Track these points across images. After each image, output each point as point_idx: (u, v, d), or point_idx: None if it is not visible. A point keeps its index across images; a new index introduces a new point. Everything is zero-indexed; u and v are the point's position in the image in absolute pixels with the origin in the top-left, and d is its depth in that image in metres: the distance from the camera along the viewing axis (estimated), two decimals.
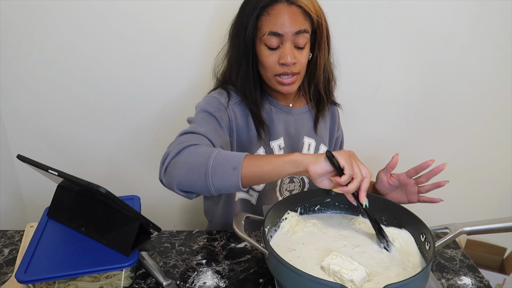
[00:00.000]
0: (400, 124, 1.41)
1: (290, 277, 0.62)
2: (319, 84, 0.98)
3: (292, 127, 1.00)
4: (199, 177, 0.70)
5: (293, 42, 0.86)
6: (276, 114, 0.98)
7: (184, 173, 0.72)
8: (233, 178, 0.69)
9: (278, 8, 0.83)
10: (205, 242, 0.88)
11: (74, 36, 1.19)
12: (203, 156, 0.71)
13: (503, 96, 1.36)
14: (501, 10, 1.23)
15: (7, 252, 0.84)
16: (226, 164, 0.70)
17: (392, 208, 0.81)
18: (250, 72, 0.91)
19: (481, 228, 0.73)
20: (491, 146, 1.44)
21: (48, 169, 0.69)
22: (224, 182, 0.70)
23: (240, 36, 0.88)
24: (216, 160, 0.70)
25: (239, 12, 0.89)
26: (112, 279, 0.72)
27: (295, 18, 0.84)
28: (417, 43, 1.28)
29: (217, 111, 0.89)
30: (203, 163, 0.70)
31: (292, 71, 0.88)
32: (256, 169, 0.70)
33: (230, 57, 0.94)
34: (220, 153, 0.71)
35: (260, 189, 0.99)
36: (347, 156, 0.68)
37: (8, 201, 1.36)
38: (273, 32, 0.84)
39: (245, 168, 0.69)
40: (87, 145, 1.36)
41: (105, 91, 1.27)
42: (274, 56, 0.87)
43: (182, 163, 0.72)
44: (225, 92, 0.94)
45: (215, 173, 0.69)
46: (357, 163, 0.69)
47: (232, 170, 0.69)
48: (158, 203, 1.45)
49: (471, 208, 1.55)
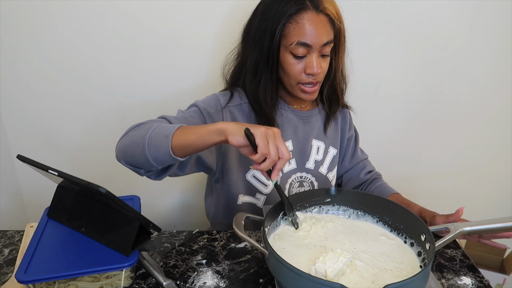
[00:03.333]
0: (401, 123, 1.41)
1: (290, 277, 0.62)
2: (336, 87, 0.97)
3: (301, 130, 1.00)
4: (138, 147, 0.75)
5: (320, 52, 0.85)
6: (286, 117, 0.97)
7: (128, 144, 0.78)
8: (164, 145, 0.72)
9: (307, 17, 0.82)
10: (205, 242, 0.88)
11: (74, 36, 1.19)
12: (145, 129, 0.76)
13: (503, 95, 1.36)
14: (501, 10, 1.23)
15: (7, 252, 0.84)
16: (160, 134, 0.74)
17: (392, 208, 0.81)
18: (273, 79, 0.89)
19: (481, 228, 0.74)
20: (491, 145, 1.44)
21: (48, 169, 0.69)
22: (157, 150, 0.73)
23: (263, 42, 0.86)
24: (154, 131, 0.75)
25: (262, 17, 0.86)
26: (112, 279, 0.72)
27: (324, 28, 0.83)
28: (417, 43, 1.28)
29: (207, 108, 0.89)
30: (143, 135, 0.75)
31: (317, 80, 0.88)
32: (184, 137, 0.72)
33: (247, 61, 0.91)
34: (160, 126, 0.76)
35: (268, 192, 0.98)
36: (263, 134, 0.67)
37: (8, 201, 1.36)
38: (302, 43, 0.83)
39: (175, 137, 0.72)
40: (87, 145, 1.35)
41: (105, 91, 1.27)
42: (300, 65, 0.86)
43: (129, 137, 0.79)
44: (229, 93, 0.94)
45: (151, 142, 0.74)
46: (275, 143, 0.68)
47: (163, 138, 0.73)
48: (158, 203, 1.45)
49: (471, 208, 1.55)
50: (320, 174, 1.03)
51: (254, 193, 0.99)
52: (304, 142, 1.00)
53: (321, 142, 1.03)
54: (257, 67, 0.89)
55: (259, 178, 0.97)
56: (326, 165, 1.05)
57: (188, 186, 1.47)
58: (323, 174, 1.04)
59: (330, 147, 1.05)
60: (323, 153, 1.04)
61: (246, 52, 0.91)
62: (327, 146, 1.04)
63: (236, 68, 0.96)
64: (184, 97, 1.28)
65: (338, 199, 0.86)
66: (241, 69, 0.94)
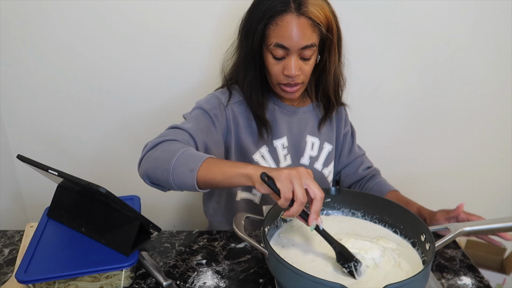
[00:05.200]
0: (400, 124, 1.41)
1: (290, 277, 0.62)
2: (329, 89, 0.97)
3: (295, 126, 1.00)
4: (163, 174, 0.74)
5: (299, 55, 0.85)
6: (279, 113, 0.98)
7: (152, 168, 0.76)
8: (189, 180, 0.71)
9: (287, 20, 0.81)
10: (205, 242, 0.88)
11: (74, 37, 1.19)
12: (170, 153, 0.74)
13: (503, 96, 1.36)
14: (501, 10, 1.23)
15: (7, 252, 0.84)
16: (185, 165, 0.72)
17: (392, 208, 0.81)
18: (258, 77, 0.90)
19: (481, 228, 0.74)
20: (491, 145, 1.44)
21: (48, 169, 0.69)
22: (182, 182, 0.72)
23: (248, 40, 0.87)
24: (179, 159, 0.73)
25: (249, 15, 0.88)
26: (112, 279, 0.72)
27: (303, 32, 0.81)
28: (417, 43, 1.28)
29: (213, 109, 0.90)
30: (168, 161, 0.73)
31: (296, 82, 0.88)
32: (210, 176, 0.70)
33: (239, 56, 0.93)
34: (185, 153, 0.73)
35: None
36: (285, 176, 0.62)
37: (8, 201, 1.36)
38: (279, 45, 0.83)
39: (201, 173, 0.71)
40: (87, 145, 1.36)
41: (105, 91, 1.27)
42: (279, 66, 0.86)
43: (152, 158, 0.77)
44: (228, 91, 0.95)
45: (175, 172, 0.72)
46: (302, 183, 0.63)
47: (189, 172, 0.71)
48: (158, 203, 1.45)
49: (471, 208, 1.55)
50: (315, 170, 1.04)
51: (250, 189, 1.00)
52: (299, 138, 1.01)
53: (316, 138, 1.03)
54: (245, 65, 0.90)
55: None
56: (321, 161, 1.05)
57: None
58: (318, 170, 1.04)
59: (325, 143, 1.05)
60: (318, 149, 1.04)
61: (239, 49, 0.93)
62: (322, 142, 1.04)
63: (233, 65, 0.97)
64: (184, 97, 1.29)
65: (338, 199, 0.86)
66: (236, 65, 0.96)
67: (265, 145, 0.96)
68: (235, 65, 0.95)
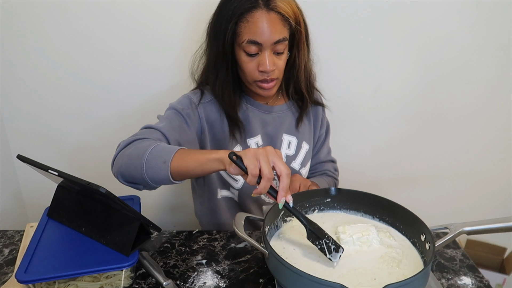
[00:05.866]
0: (400, 125, 1.41)
1: (290, 277, 0.62)
2: (301, 84, 0.97)
3: (270, 125, 1.00)
4: (136, 169, 0.74)
5: (272, 49, 0.86)
6: (252, 112, 0.98)
7: (125, 165, 0.77)
8: (163, 171, 0.72)
9: (257, 16, 0.82)
10: (205, 242, 0.88)
11: (74, 37, 1.19)
12: (142, 149, 0.75)
13: (503, 97, 1.36)
14: (501, 11, 1.23)
15: (7, 252, 0.84)
16: (158, 158, 0.73)
17: (392, 208, 0.81)
18: (230, 76, 0.91)
19: (481, 228, 0.73)
20: (491, 146, 1.44)
21: (48, 169, 0.69)
22: (156, 175, 0.73)
23: (218, 40, 0.87)
24: (151, 153, 0.73)
25: (217, 15, 0.88)
26: (112, 279, 0.72)
27: (274, 26, 0.83)
28: (416, 44, 1.28)
29: (185, 109, 0.91)
30: (141, 156, 0.74)
31: (272, 77, 0.88)
32: (183, 164, 0.71)
33: (208, 59, 0.93)
34: (157, 147, 0.74)
35: (239, 187, 0.99)
36: (252, 154, 0.64)
37: (8, 201, 1.36)
38: (252, 41, 0.83)
39: (174, 163, 0.72)
40: (87, 145, 1.36)
41: (105, 91, 1.27)
42: (253, 63, 0.87)
43: (125, 155, 0.78)
44: (199, 91, 0.96)
45: (149, 166, 0.73)
46: (268, 160, 0.64)
47: (162, 164, 0.72)
48: (158, 203, 1.45)
49: (471, 208, 1.55)
50: (292, 169, 1.03)
51: (228, 187, 1.01)
52: (274, 137, 1.01)
53: (293, 137, 1.03)
54: (216, 65, 0.90)
55: None
56: (299, 160, 1.05)
57: (188, 186, 1.47)
58: (295, 169, 1.04)
59: (303, 143, 1.05)
60: (295, 148, 1.04)
61: (208, 51, 0.93)
62: (299, 141, 1.04)
63: (205, 66, 0.96)
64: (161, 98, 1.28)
65: (338, 199, 0.86)
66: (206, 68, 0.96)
67: (238, 144, 0.97)
68: (205, 67, 0.96)
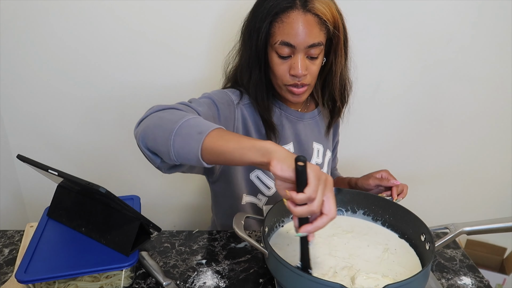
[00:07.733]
0: (400, 124, 1.41)
1: (290, 277, 0.62)
2: (335, 92, 0.93)
3: (302, 133, 0.97)
4: (164, 133, 0.65)
5: (306, 53, 0.81)
6: (286, 119, 0.95)
7: (153, 125, 0.68)
8: (194, 143, 0.62)
9: (293, 16, 0.78)
10: (205, 242, 0.88)
11: (74, 37, 1.19)
12: (179, 115, 0.67)
13: (503, 96, 1.36)
14: (501, 10, 1.23)
15: (7, 252, 0.84)
16: (195, 127, 0.64)
17: (392, 208, 0.81)
18: (262, 79, 0.87)
19: (481, 228, 0.73)
20: (491, 146, 1.44)
21: (48, 169, 0.69)
22: (185, 145, 0.63)
23: (252, 40, 0.84)
24: (188, 122, 0.65)
25: (252, 13, 0.84)
26: (112, 279, 0.72)
27: (310, 29, 0.78)
28: (417, 43, 1.28)
29: (223, 103, 0.85)
30: (175, 121, 0.65)
31: (303, 82, 0.84)
32: (220, 142, 0.61)
33: (242, 58, 0.89)
34: (196, 118, 0.66)
35: (271, 194, 0.96)
36: (318, 176, 0.55)
37: (8, 201, 1.36)
38: (285, 42, 0.79)
39: (211, 137, 0.62)
40: (87, 145, 1.36)
41: (105, 91, 1.27)
42: (285, 66, 0.83)
43: (156, 117, 0.69)
44: (238, 91, 0.91)
45: (180, 132, 0.63)
46: (324, 192, 0.56)
47: (196, 134, 0.62)
48: (158, 203, 1.45)
49: (471, 208, 1.55)
50: None
51: (256, 193, 0.97)
52: (306, 145, 0.98)
53: (320, 145, 1.01)
54: (250, 66, 0.86)
55: (262, 180, 0.95)
56: (325, 168, 1.03)
57: (188, 186, 1.47)
58: None
59: (327, 150, 1.03)
60: (322, 156, 1.02)
61: (242, 51, 0.89)
62: (325, 149, 1.02)
63: (238, 66, 0.93)
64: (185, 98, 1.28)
65: (338, 199, 0.86)
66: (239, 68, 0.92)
67: None
68: (238, 67, 0.91)
